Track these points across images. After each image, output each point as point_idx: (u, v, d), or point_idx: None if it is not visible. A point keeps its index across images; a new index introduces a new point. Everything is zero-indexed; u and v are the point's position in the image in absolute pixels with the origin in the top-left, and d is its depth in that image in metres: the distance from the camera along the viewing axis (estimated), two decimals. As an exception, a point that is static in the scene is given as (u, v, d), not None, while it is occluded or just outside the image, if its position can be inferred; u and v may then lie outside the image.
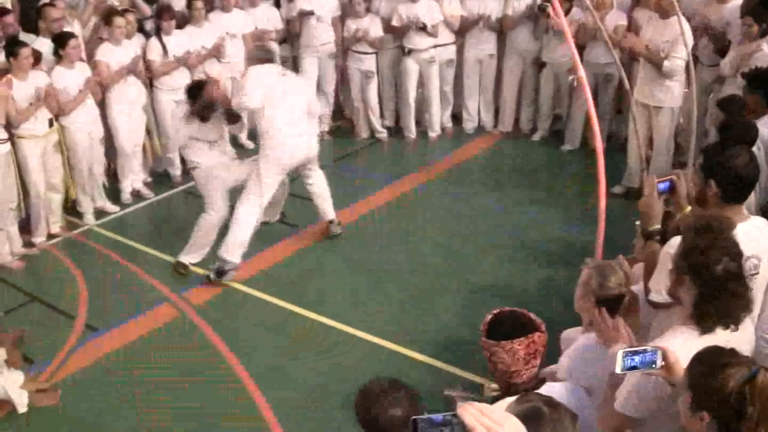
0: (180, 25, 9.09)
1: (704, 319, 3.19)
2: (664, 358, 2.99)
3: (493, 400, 3.16)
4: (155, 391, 5.89)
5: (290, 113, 7.25)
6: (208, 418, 5.62)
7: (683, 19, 7.53)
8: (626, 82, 7.24)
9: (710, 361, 2.74)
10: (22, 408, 5.66)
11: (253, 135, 10.35)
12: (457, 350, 6.11)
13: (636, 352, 3.01)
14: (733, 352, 2.78)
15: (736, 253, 3.20)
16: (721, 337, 3.17)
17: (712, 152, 4.05)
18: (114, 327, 6.72)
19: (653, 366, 2.99)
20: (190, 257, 7.51)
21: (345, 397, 5.70)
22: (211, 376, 6.06)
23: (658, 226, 3.89)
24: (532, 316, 3.30)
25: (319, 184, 7.85)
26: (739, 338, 3.26)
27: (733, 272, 3.17)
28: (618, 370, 3.04)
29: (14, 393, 5.62)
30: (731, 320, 3.19)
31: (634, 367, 3.02)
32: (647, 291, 3.92)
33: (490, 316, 3.35)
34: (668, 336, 3.31)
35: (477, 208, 8.60)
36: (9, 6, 8.37)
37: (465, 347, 6.02)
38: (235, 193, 7.42)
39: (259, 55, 7.70)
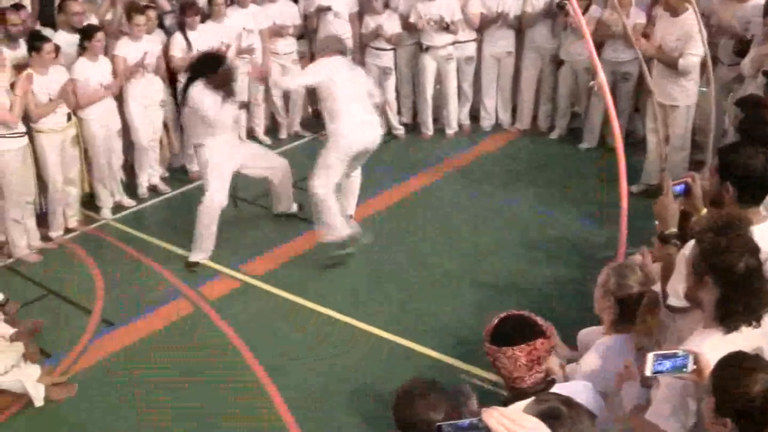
0: (201, 20, 9.09)
1: (730, 318, 3.17)
2: (696, 362, 2.97)
3: (503, 404, 3.15)
4: (168, 386, 5.91)
5: (359, 100, 7.30)
6: (222, 412, 5.64)
7: (695, 16, 7.50)
8: (649, 81, 7.21)
9: (735, 367, 2.75)
10: (38, 402, 5.69)
11: (271, 130, 10.43)
12: (471, 346, 6.08)
13: (666, 356, 3.00)
14: (757, 358, 2.79)
15: (755, 249, 3.18)
16: (746, 335, 3.17)
17: (727, 153, 4.01)
18: (130, 321, 6.75)
19: (684, 370, 2.97)
20: (196, 255, 7.52)
21: (357, 390, 5.77)
22: (225, 370, 6.08)
23: (674, 230, 3.86)
24: (539, 320, 3.26)
25: (356, 180, 7.87)
26: (760, 335, 3.25)
27: (754, 268, 3.15)
28: (647, 373, 3.03)
29: (31, 387, 5.66)
30: (755, 317, 3.18)
31: (663, 371, 3.00)
32: (665, 295, 3.89)
33: (496, 320, 3.33)
34: (694, 340, 3.28)
35: (493, 205, 8.58)
36: (27, 1, 8.39)
37: (471, 344, 5.99)
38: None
39: (330, 45, 7.68)
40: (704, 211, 4.12)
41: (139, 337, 6.55)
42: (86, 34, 7.96)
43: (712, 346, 3.12)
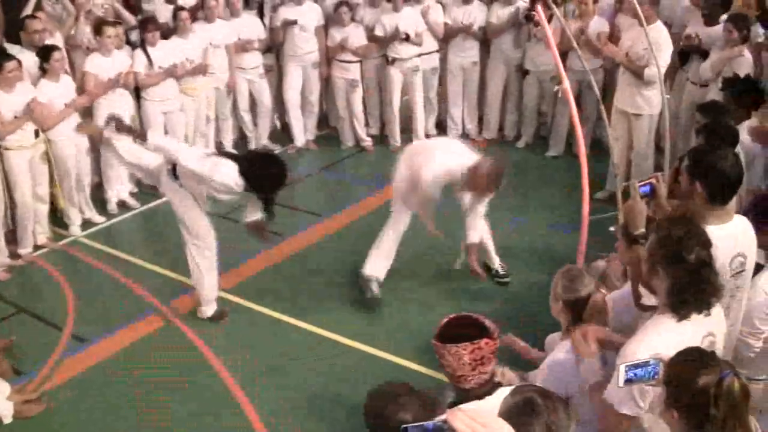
0: (165, 36, 9.09)
1: (681, 306, 3.31)
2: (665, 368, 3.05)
3: (449, 406, 3.20)
4: (141, 402, 5.89)
5: None
6: (194, 426, 5.64)
7: (663, 27, 7.64)
8: (597, 91, 7.32)
9: (686, 361, 2.86)
10: (7, 419, 5.62)
11: (239, 144, 10.40)
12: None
13: (637, 366, 3.06)
14: (711, 355, 2.91)
15: (706, 242, 3.34)
16: (697, 323, 3.33)
17: (698, 154, 4.12)
18: (101, 337, 6.71)
19: (655, 377, 3.04)
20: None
21: (336, 402, 5.79)
22: (198, 387, 6.07)
23: (642, 230, 3.93)
24: (487, 321, 3.31)
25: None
26: (713, 323, 3.42)
27: (704, 261, 3.30)
28: (621, 384, 3.09)
29: (1, 405, 5.61)
30: (705, 306, 3.32)
31: (635, 380, 3.07)
32: (637, 295, 3.96)
33: (446, 319, 3.38)
34: (649, 328, 3.42)
35: (461, 215, 8.61)
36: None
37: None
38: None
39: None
40: (669, 209, 4.23)
41: (111, 353, 6.52)
42: (43, 55, 7.87)
43: (665, 333, 3.29)
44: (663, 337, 3.26)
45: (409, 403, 3.10)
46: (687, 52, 8.25)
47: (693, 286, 3.28)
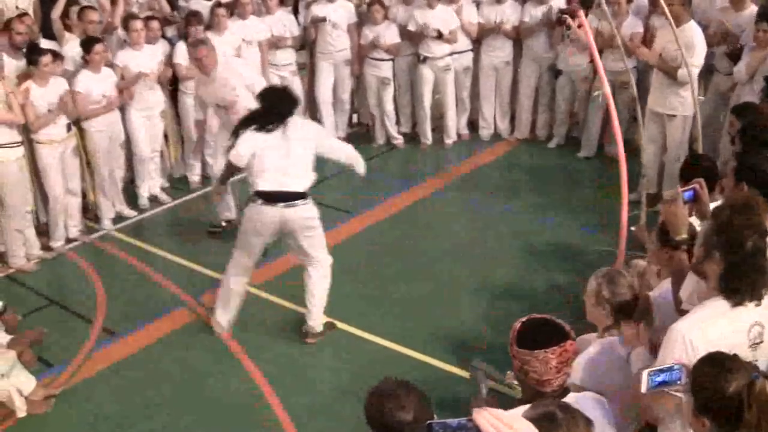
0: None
1: (734, 293, 3.28)
2: (688, 374, 3.02)
3: (516, 403, 3.17)
4: (171, 395, 5.95)
5: None
6: (223, 421, 5.66)
7: (697, 27, 7.56)
8: (634, 90, 7.27)
9: (712, 367, 2.83)
10: (21, 412, 5.65)
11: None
12: (469, 353, 6.09)
13: (661, 371, 3.04)
14: (735, 358, 2.86)
15: (764, 231, 3.30)
16: (747, 311, 3.29)
17: (746, 157, 4.10)
18: (131, 331, 6.77)
19: (678, 383, 3.01)
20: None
21: (359, 399, 5.78)
22: (226, 380, 6.10)
23: (685, 236, 3.90)
24: (562, 323, 3.29)
25: None
26: (763, 313, 3.35)
27: (760, 249, 3.27)
28: (644, 390, 3.06)
29: (16, 398, 5.62)
30: (756, 294, 3.29)
31: (660, 385, 3.05)
32: (678, 302, 3.92)
33: (519, 324, 3.33)
34: (704, 307, 3.39)
35: (493, 214, 8.63)
36: (30, 13, 8.43)
37: (477, 350, 6.00)
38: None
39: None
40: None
41: (140, 346, 6.57)
42: (85, 47, 8.00)
43: (718, 313, 3.28)
44: (712, 318, 3.25)
45: (408, 402, 3.08)
46: (737, 55, 8.12)
47: (747, 273, 3.25)
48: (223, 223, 8.27)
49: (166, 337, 6.70)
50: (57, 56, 7.78)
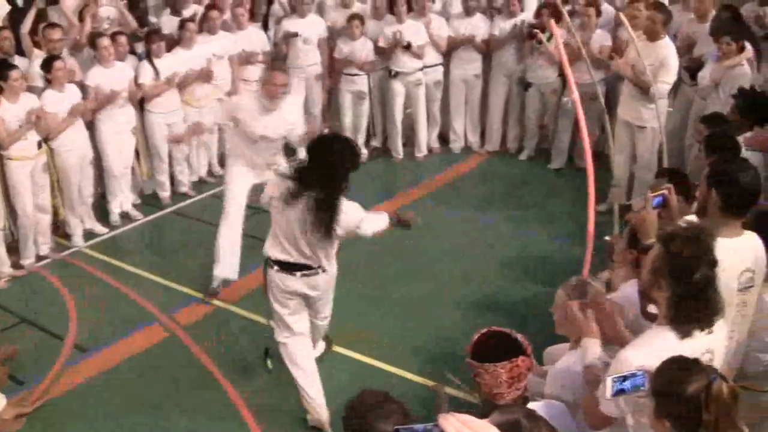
0: (168, 48, 9.13)
1: (682, 322, 3.28)
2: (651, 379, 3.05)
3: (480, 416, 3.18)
4: (144, 413, 5.89)
5: None
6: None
7: (671, 43, 7.66)
8: (602, 101, 7.34)
9: (672, 370, 2.87)
10: None
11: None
12: (442, 366, 6.08)
13: (625, 377, 3.07)
14: (695, 362, 2.91)
15: (713, 262, 3.27)
16: (697, 340, 3.28)
17: (720, 164, 4.13)
18: (104, 347, 6.72)
19: (642, 388, 3.04)
20: None
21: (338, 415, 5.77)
22: (201, 397, 6.06)
23: (653, 240, 3.94)
24: (519, 337, 3.30)
25: None
26: (713, 340, 3.37)
27: (709, 281, 3.26)
28: (608, 396, 3.09)
29: None
30: (706, 323, 3.28)
31: (623, 391, 3.08)
32: (644, 304, 3.95)
33: (477, 336, 3.36)
34: (649, 338, 3.39)
35: (466, 227, 8.66)
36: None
37: (450, 363, 5.99)
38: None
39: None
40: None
41: (113, 363, 6.51)
42: (44, 66, 7.89)
43: (664, 345, 3.23)
44: (661, 351, 3.16)
45: (388, 413, 3.08)
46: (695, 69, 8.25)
47: (695, 303, 3.25)
48: None
49: (138, 353, 6.65)
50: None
